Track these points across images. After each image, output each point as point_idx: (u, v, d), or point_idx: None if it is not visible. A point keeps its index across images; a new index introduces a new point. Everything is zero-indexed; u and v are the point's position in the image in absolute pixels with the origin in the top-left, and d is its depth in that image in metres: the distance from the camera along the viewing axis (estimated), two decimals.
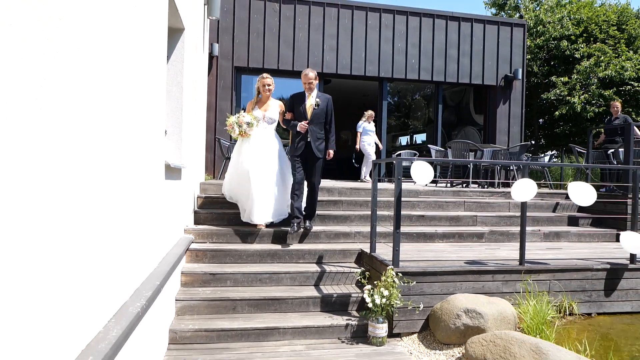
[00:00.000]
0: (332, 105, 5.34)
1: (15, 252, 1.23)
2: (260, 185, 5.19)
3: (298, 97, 5.33)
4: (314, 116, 5.21)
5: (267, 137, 5.37)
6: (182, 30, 4.60)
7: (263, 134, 5.36)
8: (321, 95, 5.32)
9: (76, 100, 1.66)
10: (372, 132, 9.72)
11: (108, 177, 2.07)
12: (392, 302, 3.87)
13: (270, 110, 5.40)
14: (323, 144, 5.32)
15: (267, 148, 5.32)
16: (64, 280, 1.57)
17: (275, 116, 5.42)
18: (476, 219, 6.22)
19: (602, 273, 4.54)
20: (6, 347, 1.18)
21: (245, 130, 5.24)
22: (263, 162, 5.24)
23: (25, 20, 1.26)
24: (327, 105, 5.29)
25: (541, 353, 2.95)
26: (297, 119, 5.25)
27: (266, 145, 5.33)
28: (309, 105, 5.24)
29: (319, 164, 5.28)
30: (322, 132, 5.30)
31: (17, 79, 1.22)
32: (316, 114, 5.22)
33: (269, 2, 10.17)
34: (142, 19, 2.68)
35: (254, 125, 5.27)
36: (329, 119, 5.32)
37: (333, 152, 5.42)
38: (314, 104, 5.21)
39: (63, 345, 1.56)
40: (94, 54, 1.84)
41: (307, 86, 5.24)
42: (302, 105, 5.25)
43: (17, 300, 1.24)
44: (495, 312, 3.68)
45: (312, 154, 5.21)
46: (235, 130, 5.27)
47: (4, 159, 1.16)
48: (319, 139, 5.26)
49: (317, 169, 5.28)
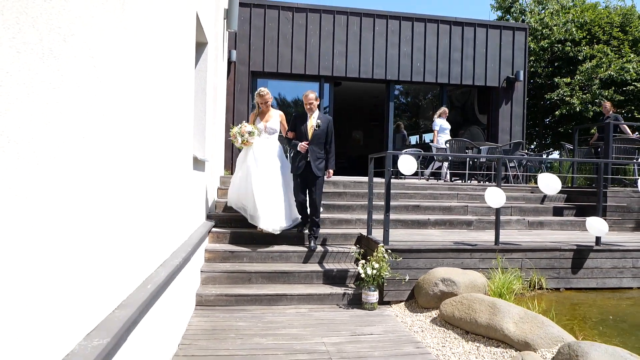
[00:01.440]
0: (333, 126, 5.53)
1: (102, 219, 2.01)
2: (265, 191, 5.40)
3: (300, 117, 5.51)
4: (315, 137, 5.36)
5: (269, 146, 5.64)
6: (205, 44, 5.40)
7: (265, 143, 5.62)
8: (322, 117, 5.48)
9: (138, 104, 2.44)
10: (447, 130, 9.83)
11: (158, 166, 2.86)
12: (381, 274, 4.59)
13: (271, 121, 5.67)
14: (323, 163, 5.44)
15: (269, 156, 5.56)
16: (136, 238, 2.36)
17: (276, 126, 5.69)
18: (467, 209, 6.89)
19: (569, 253, 5.18)
20: (104, 277, 1.96)
21: (247, 139, 5.46)
22: (266, 170, 5.48)
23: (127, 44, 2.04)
24: (328, 126, 5.45)
25: (495, 307, 3.65)
26: (299, 138, 5.43)
27: (269, 154, 5.57)
28: (310, 126, 5.40)
29: (319, 182, 5.41)
30: (322, 152, 5.43)
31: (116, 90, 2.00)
32: (317, 134, 5.36)
33: (282, 11, 10.95)
34: (178, 38, 3.47)
35: (255, 134, 5.50)
36: (329, 139, 5.47)
37: (333, 172, 5.60)
38: (314, 124, 5.37)
39: (134, 277, 2.35)
40: (152, 67, 2.62)
41: (308, 107, 5.40)
42: (304, 125, 5.42)
43: (109, 251, 2.02)
44: (467, 281, 4.38)
45: (311, 173, 5.34)
46: (238, 140, 5.49)
47: (105, 148, 1.94)
48: (318, 158, 5.38)
49: (318, 187, 5.42)
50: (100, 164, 1.85)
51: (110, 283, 1.97)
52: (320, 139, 5.40)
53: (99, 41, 1.79)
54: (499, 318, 3.55)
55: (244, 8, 10.56)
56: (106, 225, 1.92)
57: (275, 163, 5.57)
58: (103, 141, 1.88)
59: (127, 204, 2.22)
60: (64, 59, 1.48)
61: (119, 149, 2.08)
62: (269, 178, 5.46)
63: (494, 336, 3.57)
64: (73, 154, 1.58)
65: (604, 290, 5.25)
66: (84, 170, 1.68)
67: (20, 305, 1.24)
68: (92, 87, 1.74)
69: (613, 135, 8.44)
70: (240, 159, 5.75)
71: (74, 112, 1.59)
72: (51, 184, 1.42)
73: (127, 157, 2.20)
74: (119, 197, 2.08)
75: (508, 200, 7.25)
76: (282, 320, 4.22)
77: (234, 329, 3.94)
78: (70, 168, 1.57)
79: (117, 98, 2.04)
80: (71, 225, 1.57)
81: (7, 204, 1.17)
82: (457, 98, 13.84)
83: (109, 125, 1.95)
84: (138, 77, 2.36)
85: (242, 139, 5.48)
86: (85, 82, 1.68)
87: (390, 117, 11.85)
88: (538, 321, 3.44)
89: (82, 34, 1.63)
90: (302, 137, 5.41)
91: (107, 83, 1.90)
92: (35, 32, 1.28)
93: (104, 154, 1.89)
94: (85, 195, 1.70)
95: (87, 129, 1.71)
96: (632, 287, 5.31)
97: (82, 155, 1.67)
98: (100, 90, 1.82)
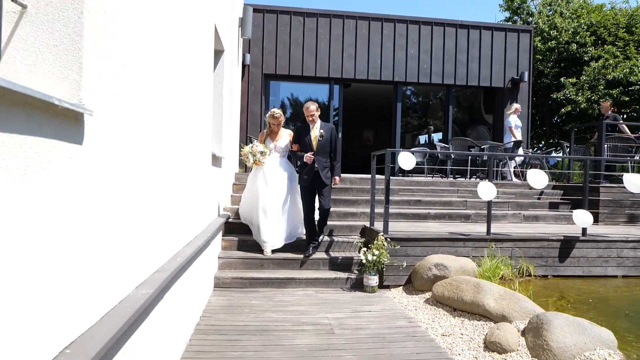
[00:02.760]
0: (336, 133, 5.68)
1: (148, 206, 2.53)
2: (270, 216, 5.58)
3: (302, 129, 5.61)
4: (320, 147, 5.47)
5: (279, 165, 5.76)
6: (222, 51, 5.94)
7: (276, 163, 5.76)
8: (324, 126, 5.56)
9: (174, 111, 2.97)
10: (520, 128, 10.09)
11: (186, 160, 3.38)
12: (381, 260, 5.07)
13: (281, 141, 5.80)
14: (329, 172, 5.59)
15: (280, 176, 5.70)
16: (169, 220, 2.88)
17: (286, 145, 5.85)
18: (466, 203, 7.33)
19: (557, 243, 5.60)
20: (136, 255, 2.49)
21: (259, 159, 5.61)
22: (276, 191, 5.63)
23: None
24: (331, 134, 5.57)
25: (479, 287, 4.10)
26: (303, 149, 5.53)
27: (279, 174, 5.71)
28: (314, 137, 5.49)
29: (327, 189, 5.55)
30: (328, 161, 5.56)
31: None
32: (321, 144, 5.48)
33: (294, 16, 11.46)
34: (199, 47, 4.00)
35: (267, 153, 5.65)
36: (333, 147, 5.59)
37: (339, 179, 5.80)
38: (318, 135, 5.47)
39: (167, 251, 2.88)
40: (179, 72, 3.15)
41: (310, 118, 5.49)
42: (307, 137, 5.51)
43: (152, 229, 2.55)
44: (458, 266, 4.83)
45: (320, 181, 5.48)
46: (250, 160, 5.64)
47: (167, 145, 2.46)
48: (325, 167, 5.50)
49: (327, 194, 5.56)
50: (151, 160, 2.37)
51: (151, 253, 2.49)
52: (325, 149, 5.51)
53: (137, 50, 2.31)
54: (481, 296, 4.01)
55: (258, 14, 11.09)
56: (146, 208, 2.44)
57: (285, 183, 5.70)
58: (155, 139, 2.39)
59: (164, 192, 2.74)
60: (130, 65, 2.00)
61: (164, 144, 2.60)
62: (276, 200, 5.61)
63: (477, 311, 4.03)
64: (142, 150, 2.10)
65: (590, 277, 5.64)
66: (144, 165, 2.20)
67: (103, 264, 1.76)
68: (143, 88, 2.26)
69: (612, 134, 8.80)
70: (252, 178, 5.94)
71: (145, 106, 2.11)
72: (126, 175, 1.94)
73: (167, 151, 2.72)
74: (158, 188, 2.60)
75: (506, 195, 7.70)
76: (290, 300, 4.73)
77: (248, 306, 4.46)
78: (137, 162, 2.09)
79: (158, 103, 2.55)
80: (129, 208, 2.09)
81: (106, 185, 1.68)
82: (464, 98, 14.21)
83: (163, 125, 2.47)
84: (170, 80, 2.88)
85: (254, 159, 5.62)
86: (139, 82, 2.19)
87: (397, 118, 12.28)
88: (515, 298, 3.89)
89: (135, 52, 2.15)
90: (306, 148, 5.50)
91: (149, 87, 2.42)
92: (120, 56, 1.79)
93: (154, 151, 2.40)
94: (142, 185, 2.22)
95: (153, 128, 2.23)
96: (617, 275, 5.70)
97: (145, 152, 2.19)
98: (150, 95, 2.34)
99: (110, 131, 1.81)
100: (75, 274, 1.52)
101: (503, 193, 7.70)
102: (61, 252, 1.43)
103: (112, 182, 1.85)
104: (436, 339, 3.70)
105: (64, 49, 1.51)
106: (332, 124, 5.84)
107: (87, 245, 1.62)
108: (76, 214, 1.52)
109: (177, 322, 3.06)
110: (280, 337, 3.65)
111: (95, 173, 1.67)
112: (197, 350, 3.34)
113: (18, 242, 1.19)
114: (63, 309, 1.44)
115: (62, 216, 1.43)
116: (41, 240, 1.31)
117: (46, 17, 1.50)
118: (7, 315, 1.14)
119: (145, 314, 2.23)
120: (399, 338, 3.71)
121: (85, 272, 1.61)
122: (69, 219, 1.47)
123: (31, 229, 1.25)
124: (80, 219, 1.55)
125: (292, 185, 5.79)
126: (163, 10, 2.61)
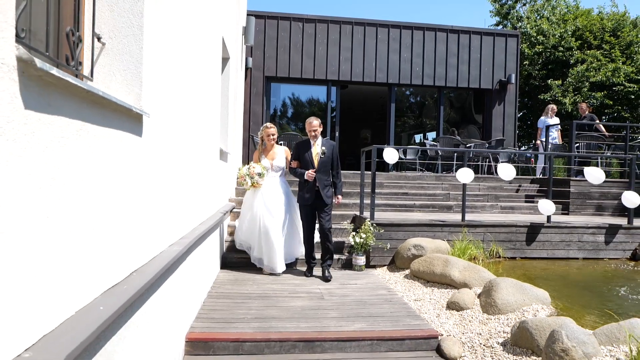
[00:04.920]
0: (337, 150, 5.51)
1: (179, 185, 3.27)
2: (273, 235, 5.35)
3: (303, 145, 5.41)
4: (321, 164, 5.26)
5: (276, 186, 5.56)
6: (228, 58, 6.67)
7: (272, 183, 5.54)
8: (326, 142, 5.37)
9: (199, 114, 3.71)
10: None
11: (201, 153, 4.12)
12: (368, 242, 5.80)
13: (277, 159, 5.58)
14: (331, 190, 5.38)
15: (276, 197, 5.50)
16: (188, 203, 3.62)
17: (282, 164, 5.60)
18: (449, 196, 8.05)
19: (524, 229, 6.32)
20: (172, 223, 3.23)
21: (257, 181, 5.41)
22: (275, 213, 5.42)
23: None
24: (333, 151, 5.37)
25: (447, 262, 4.84)
26: (303, 166, 5.32)
27: (276, 194, 5.50)
28: (316, 154, 5.29)
29: (328, 209, 5.33)
30: (329, 179, 5.36)
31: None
32: (323, 162, 5.27)
33: (294, 22, 12.20)
34: (210, 56, 4.74)
35: (264, 175, 5.45)
36: (335, 164, 5.37)
37: (341, 197, 5.60)
38: (320, 152, 5.27)
39: (187, 225, 3.61)
40: (197, 77, 3.88)
41: (312, 134, 5.28)
42: (308, 153, 5.29)
43: (178, 211, 3.29)
44: (434, 246, 5.56)
45: (321, 201, 5.27)
46: (248, 182, 5.42)
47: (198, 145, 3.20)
48: (326, 186, 5.30)
49: (327, 213, 5.34)
50: (182, 149, 3.10)
51: (178, 222, 3.22)
52: (326, 166, 5.31)
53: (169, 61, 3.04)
54: (449, 268, 4.74)
55: (259, 20, 11.82)
56: (177, 186, 3.17)
57: (284, 205, 5.52)
58: (185, 134, 3.12)
59: (188, 176, 3.47)
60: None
61: (191, 138, 3.33)
62: (277, 223, 5.42)
63: (445, 281, 4.76)
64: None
65: (554, 259, 6.37)
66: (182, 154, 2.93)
67: (153, 224, 2.48)
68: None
69: (586, 133, 9.52)
70: (248, 200, 5.67)
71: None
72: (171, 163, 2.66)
73: (192, 143, 3.45)
74: (185, 172, 3.33)
75: (486, 189, 8.42)
76: (289, 275, 5.47)
77: (251, 280, 5.20)
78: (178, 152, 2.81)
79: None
80: (168, 183, 2.81)
81: (151, 173, 2.41)
82: (456, 99, 14.95)
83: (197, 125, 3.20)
84: (192, 88, 3.61)
85: (251, 181, 5.42)
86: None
87: (391, 117, 13.01)
88: (476, 269, 4.62)
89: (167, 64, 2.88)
90: (307, 165, 5.30)
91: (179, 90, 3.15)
92: (164, 75, 2.52)
93: (185, 143, 3.13)
94: (175, 168, 2.95)
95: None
96: (578, 257, 6.42)
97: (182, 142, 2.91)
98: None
99: (158, 127, 2.54)
100: (141, 225, 2.26)
101: (484, 187, 8.42)
102: (136, 207, 2.16)
103: (158, 162, 2.58)
104: (409, 303, 4.43)
105: (129, 72, 2.24)
106: (333, 141, 5.67)
107: (146, 206, 2.35)
108: (138, 181, 2.26)
109: (196, 281, 3.79)
110: (279, 301, 4.39)
111: (149, 155, 2.41)
112: (210, 309, 4.08)
113: (123, 191, 1.92)
114: (142, 243, 2.18)
115: (130, 181, 2.16)
116: (132, 192, 2.04)
117: (118, 50, 2.23)
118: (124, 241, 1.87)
119: (176, 265, 2.97)
120: (378, 302, 4.44)
121: (145, 226, 2.34)
122: (135, 184, 2.21)
123: (121, 186, 1.98)
124: (141, 186, 2.29)
125: (291, 205, 5.62)
126: (190, 36, 3.34)
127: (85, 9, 2.08)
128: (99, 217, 1.76)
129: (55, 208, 1.41)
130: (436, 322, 3.90)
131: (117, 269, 1.95)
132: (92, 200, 1.69)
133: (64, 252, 1.47)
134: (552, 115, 10.47)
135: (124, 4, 2.23)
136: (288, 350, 3.45)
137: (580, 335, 2.73)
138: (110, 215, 1.88)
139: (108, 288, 1.84)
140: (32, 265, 1.27)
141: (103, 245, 1.80)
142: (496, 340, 3.43)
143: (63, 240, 1.47)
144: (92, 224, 1.69)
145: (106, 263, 1.83)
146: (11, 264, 1.16)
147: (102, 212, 1.79)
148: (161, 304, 2.66)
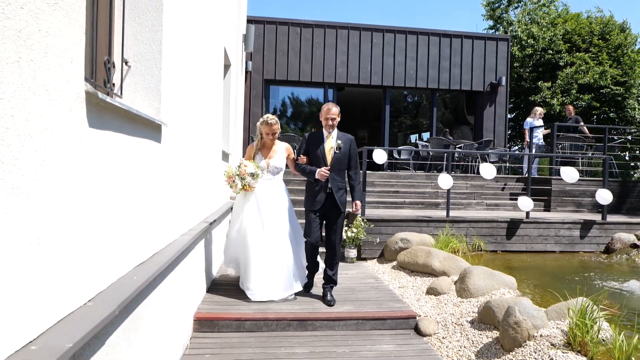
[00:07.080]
0: (355, 146, 4.47)
1: (189, 183, 3.75)
2: (271, 253, 4.30)
3: (315, 137, 4.41)
4: (335, 162, 4.26)
5: (274, 191, 4.47)
6: (229, 65, 7.15)
7: (268, 187, 4.45)
8: (342, 136, 4.35)
9: (206, 116, 4.19)
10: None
11: (206, 153, 4.59)
12: (359, 236, 6.28)
13: (275, 158, 4.50)
14: (345, 195, 4.39)
15: (274, 205, 4.42)
16: (198, 198, 4.09)
17: (281, 164, 4.53)
18: (437, 194, 8.54)
19: (504, 224, 6.81)
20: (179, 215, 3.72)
21: (249, 183, 4.31)
22: (274, 222, 4.37)
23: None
24: (350, 147, 4.36)
25: (429, 253, 5.32)
26: (313, 163, 4.35)
27: (273, 201, 4.43)
28: (329, 149, 4.29)
29: (340, 220, 4.40)
30: (344, 181, 4.37)
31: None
32: (337, 159, 4.27)
33: (292, 27, 12.67)
34: (214, 64, 5.21)
35: (259, 175, 4.34)
36: (352, 163, 4.36)
37: (360, 204, 4.47)
38: (334, 146, 4.27)
39: (196, 218, 4.09)
40: (204, 83, 4.36)
41: (329, 123, 4.25)
42: (320, 148, 4.31)
43: (184, 204, 3.77)
44: (419, 239, 6.04)
45: (334, 207, 4.31)
46: (238, 184, 4.32)
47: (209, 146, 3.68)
48: (340, 189, 4.31)
49: (339, 226, 4.41)
50: (192, 153, 3.57)
51: (186, 216, 3.70)
52: (341, 165, 4.31)
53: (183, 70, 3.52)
54: (430, 259, 5.23)
55: (259, 25, 12.30)
56: (189, 184, 3.65)
57: (283, 212, 4.44)
58: (194, 139, 3.59)
59: (196, 176, 3.95)
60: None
61: (198, 142, 3.80)
62: (275, 237, 4.34)
63: (426, 271, 5.25)
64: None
65: (532, 253, 6.86)
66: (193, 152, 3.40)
67: (169, 216, 2.96)
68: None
69: (570, 134, 10.00)
70: (237, 208, 4.61)
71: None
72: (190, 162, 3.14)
73: (199, 147, 3.92)
74: (194, 172, 3.81)
75: (473, 187, 8.90)
76: None
77: None
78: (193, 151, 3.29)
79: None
80: (181, 182, 3.29)
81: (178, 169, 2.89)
82: (450, 101, 15.44)
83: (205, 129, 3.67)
84: (199, 97, 4.08)
85: (242, 183, 4.30)
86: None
87: (386, 119, 13.48)
88: (455, 259, 5.11)
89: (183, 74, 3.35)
90: (318, 162, 4.30)
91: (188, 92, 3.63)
92: (178, 90, 2.99)
93: (193, 147, 3.60)
94: (187, 169, 3.42)
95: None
96: (555, 251, 6.91)
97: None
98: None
99: (172, 134, 3.02)
100: (160, 215, 2.74)
101: (471, 185, 8.90)
102: (157, 200, 2.63)
103: (172, 164, 3.06)
104: (393, 290, 4.91)
105: (151, 90, 2.71)
106: (351, 135, 4.46)
107: (164, 200, 2.83)
108: (157, 180, 2.73)
109: (202, 268, 4.27)
110: None
111: (166, 158, 2.88)
112: (214, 294, 4.56)
113: (147, 187, 2.40)
114: (161, 231, 2.66)
115: (151, 179, 2.64)
116: (153, 188, 2.51)
117: (141, 71, 2.71)
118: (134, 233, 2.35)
119: (186, 252, 3.45)
120: (366, 289, 4.92)
121: (163, 217, 2.82)
122: (154, 182, 2.68)
123: (145, 184, 2.46)
124: (159, 184, 2.77)
125: (291, 214, 4.55)
126: (197, 52, 3.82)
127: (115, 38, 2.56)
128: (133, 207, 2.24)
129: (107, 198, 1.89)
130: (416, 305, 4.39)
131: (144, 249, 2.43)
132: (128, 193, 2.17)
133: (109, 230, 1.95)
134: (539, 118, 10.94)
135: (146, 34, 2.71)
136: (284, 328, 3.94)
137: (531, 311, 3.21)
138: (140, 206, 2.36)
139: (138, 264, 2.33)
140: (95, 239, 1.76)
141: (134, 228, 2.28)
142: (466, 319, 3.91)
143: (110, 222, 1.95)
144: (128, 212, 2.17)
145: (136, 244, 2.31)
146: (86, 238, 1.65)
147: (134, 204, 2.27)
148: (174, 285, 3.14)
